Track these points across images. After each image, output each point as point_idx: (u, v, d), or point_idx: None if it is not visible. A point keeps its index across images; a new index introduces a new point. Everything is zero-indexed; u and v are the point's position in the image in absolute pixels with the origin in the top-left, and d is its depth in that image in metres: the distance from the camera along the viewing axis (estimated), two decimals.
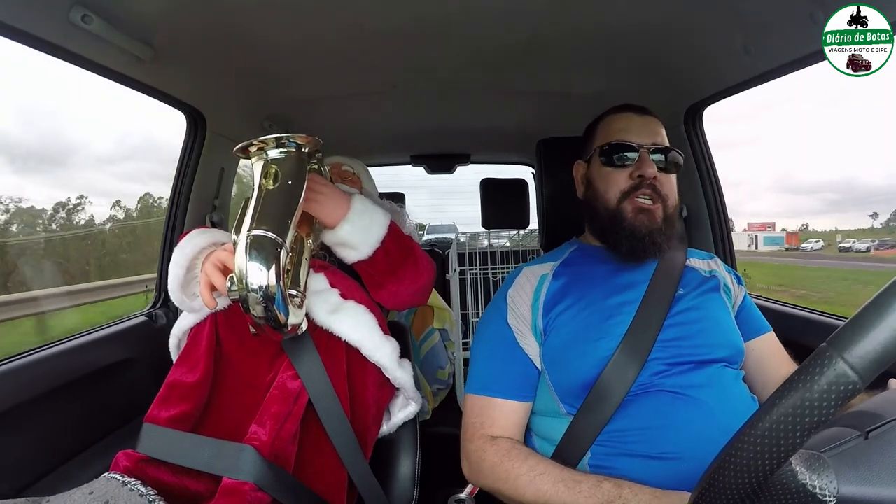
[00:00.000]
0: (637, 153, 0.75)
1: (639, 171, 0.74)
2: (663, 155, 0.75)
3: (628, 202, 0.74)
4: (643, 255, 0.74)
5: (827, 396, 0.29)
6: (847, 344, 0.29)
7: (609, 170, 0.77)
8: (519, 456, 0.65)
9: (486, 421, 0.70)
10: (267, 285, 0.56)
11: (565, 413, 0.69)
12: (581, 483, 0.59)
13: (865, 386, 0.28)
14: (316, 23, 0.89)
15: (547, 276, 0.78)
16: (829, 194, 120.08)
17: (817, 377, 0.29)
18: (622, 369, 0.66)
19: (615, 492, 0.56)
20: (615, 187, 0.76)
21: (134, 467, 0.62)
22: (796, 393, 0.30)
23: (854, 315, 0.30)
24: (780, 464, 0.30)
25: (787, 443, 0.30)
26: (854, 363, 0.28)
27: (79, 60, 0.84)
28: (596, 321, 0.71)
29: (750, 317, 0.81)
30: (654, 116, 0.80)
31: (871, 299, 0.30)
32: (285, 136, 0.63)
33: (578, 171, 0.86)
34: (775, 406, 0.30)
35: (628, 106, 0.81)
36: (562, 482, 0.60)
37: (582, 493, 0.58)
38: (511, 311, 0.76)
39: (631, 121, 0.79)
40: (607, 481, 0.58)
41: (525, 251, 2.12)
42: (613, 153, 0.76)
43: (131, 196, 11.74)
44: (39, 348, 0.87)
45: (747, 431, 0.31)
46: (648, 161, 0.74)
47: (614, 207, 0.75)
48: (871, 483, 0.32)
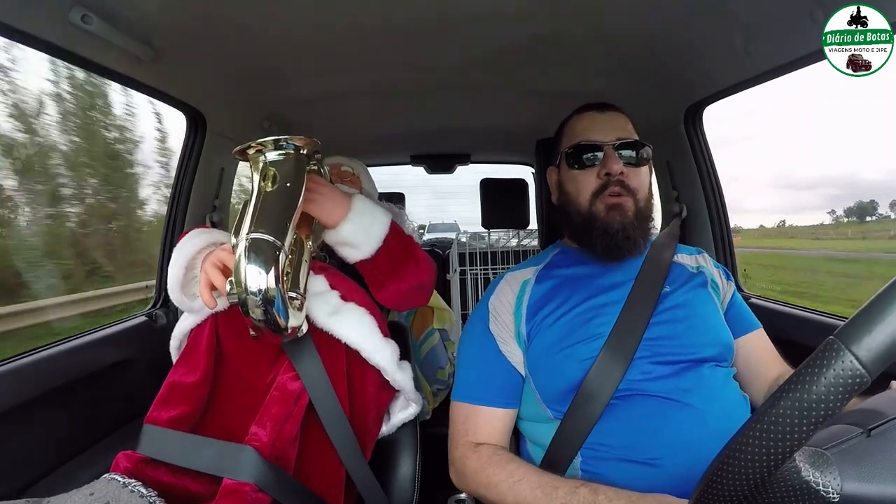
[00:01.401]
0: (602, 151, 0.74)
1: (605, 169, 0.73)
2: (631, 150, 0.75)
3: (599, 201, 0.74)
4: (618, 252, 0.73)
5: (834, 390, 0.28)
6: (855, 336, 0.29)
7: (576, 172, 0.76)
8: (500, 462, 0.65)
9: (471, 428, 0.71)
10: (266, 288, 0.56)
11: (552, 417, 0.69)
12: (558, 489, 0.59)
13: (873, 379, 0.28)
14: (316, 23, 0.89)
15: (529, 280, 0.78)
16: (830, 190, 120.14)
17: (825, 370, 0.29)
18: (607, 370, 0.65)
19: (591, 497, 0.56)
20: (585, 189, 0.75)
21: (134, 468, 0.62)
22: (803, 385, 0.29)
23: (862, 307, 0.30)
24: (786, 458, 0.30)
25: (793, 437, 0.29)
26: (862, 356, 0.28)
27: (79, 60, 0.84)
28: (580, 324, 0.70)
29: (739, 313, 0.80)
30: (617, 111, 0.79)
31: (880, 291, 0.30)
32: (283, 138, 0.63)
33: (552, 178, 0.85)
34: (782, 399, 0.30)
35: (590, 104, 0.80)
36: (539, 488, 0.60)
37: (558, 498, 0.58)
38: (493, 319, 0.75)
39: (593, 119, 0.78)
40: (584, 486, 0.58)
41: (525, 251, 2.11)
42: (578, 154, 0.76)
43: None
44: (39, 348, 0.87)
45: (752, 426, 0.31)
46: (614, 158, 0.73)
47: (587, 210, 0.75)
48: (874, 480, 0.32)
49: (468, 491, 0.69)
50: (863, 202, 46.08)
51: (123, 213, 5.33)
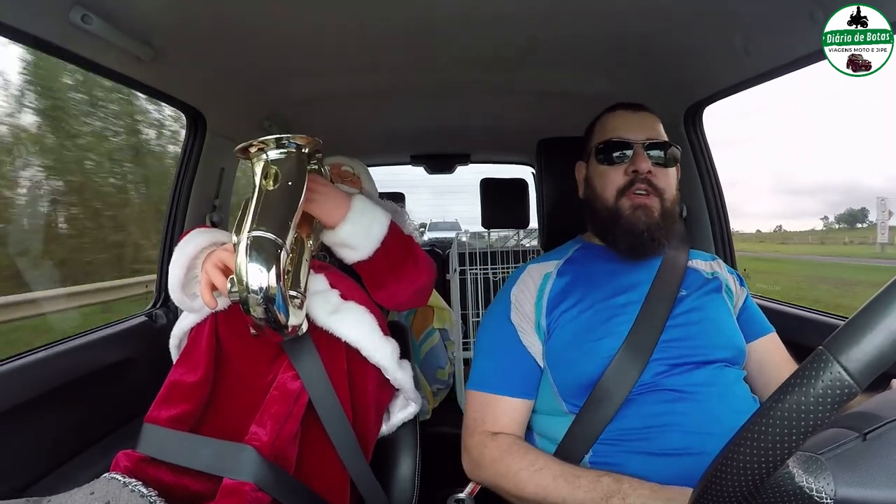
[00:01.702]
0: (632, 149, 0.75)
1: (633, 166, 0.74)
2: (660, 150, 0.76)
3: (626, 198, 0.75)
4: (642, 251, 0.74)
5: (823, 400, 0.28)
6: (843, 347, 0.29)
7: (605, 167, 0.77)
8: (519, 451, 0.65)
9: (488, 417, 0.71)
10: (267, 286, 0.56)
11: (567, 411, 0.69)
12: (580, 478, 0.59)
13: (862, 389, 0.28)
14: (316, 23, 0.89)
15: (551, 273, 0.78)
16: (832, 196, 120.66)
17: (814, 381, 0.29)
18: (625, 369, 0.66)
19: (614, 486, 0.57)
20: (612, 185, 0.76)
21: (134, 467, 0.62)
22: (792, 396, 0.29)
23: (850, 318, 0.30)
24: (777, 466, 0.30)
25: (783, 446, 0.29)
26: (850, 367, 0.28)
27: (79, 60, 0.84)
28: (599, 320, 0.71)
29: (752, 318, 0.81)
30: (649, 112, 0.81)
31: (868, 302, 0.30)
32: (285, 136, 0.63)
33: (580, 173, 0.87)
34: (772, 409, 0.30)
35: (623, 104, 0.82)
36: (561, 477, 0.60)
37: (581, 487, 0.58)
38: (514, 309, 0.76)
39: (625, 118, 0.79)
40: (607, 476, 0.58)
41: (525, 251, 2.11)
42: (608, 151, 0.77)
43: None
44: (39, 348, 0.87)
45: (744, 434, 0.31)
46: (643, 156, 0.74)
47: (612, 205, 0.76)
48: (868, 485, 0.32)
49: (483, 480, 0.69)
50: (853, 209, 48.31)
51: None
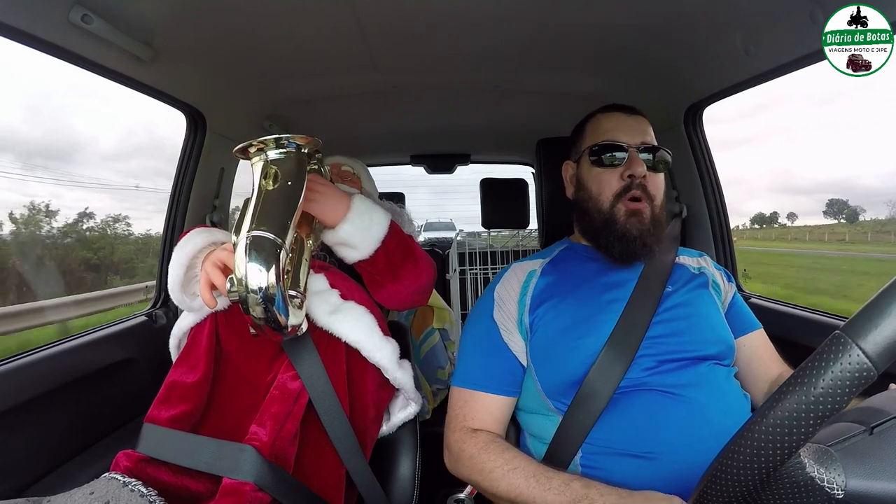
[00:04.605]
0: (626, 153, 0.75)
1: (629, 170, 0.74)
2: (651, 154, 0.76)
3: (621, 204, 0.74)
4: (634, 257, 0.74)
5: (841, 384, 0.28)
6: (862, 330, 0.29)
7: (599, 170, 0.77)
8: (496, 449, 0.66)
9: (469, 413, 0.71)
10: (267, 286, 0.56)
11: (554, 410, 0.69)
12: (552, 480, 0.60)
13: (880, 373, 0.28)
14: (316, 23, 0.89)
15: (535, 272, 0.79)
16: (829, 195, 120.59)
17: (832, 364, 0.29)
18: (609, 367, 0.66)
19: (582, 492, 0.57)
20: (607, 189, 0.76)
21: (134, 467, 0.62)
22: (810, 380, 0.29)
23: (869, 301, 0.30)
24: (791, 453, 0.30)
25: (799, 431, 0.29)
26: (869, 350, 0.28)
27: (79, 60, 0.84)
28: (582, 318, 0.71)
29: (740, 314, 0.81)
30: (642, 116, 0.80)
31: (887, 286, 0.30)
32: (285, 136, 0.63)
33: (567, 172, 0.86)
34: (789, 393, 0.30)
35: (616, 105, 0.81)
36: (534, 477, 0.60)
37: (552, 489, 0.59)
38: (497, 307, 0.76)
39: (620, 120, 0.79)
40: (577, 480, 0.59)
41: (525, 251, 2.11)
42: (603, 153, 0.76)
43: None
44: (39, 348, 0.87)
45: (759, 420, 0.31)
46: (638, 160, 0.74)
47: (607, 210, 0.75)
48: (877, 477, 0.32)
49: (461, 475, 0.69)
50: (848, 207, 49.89)
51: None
